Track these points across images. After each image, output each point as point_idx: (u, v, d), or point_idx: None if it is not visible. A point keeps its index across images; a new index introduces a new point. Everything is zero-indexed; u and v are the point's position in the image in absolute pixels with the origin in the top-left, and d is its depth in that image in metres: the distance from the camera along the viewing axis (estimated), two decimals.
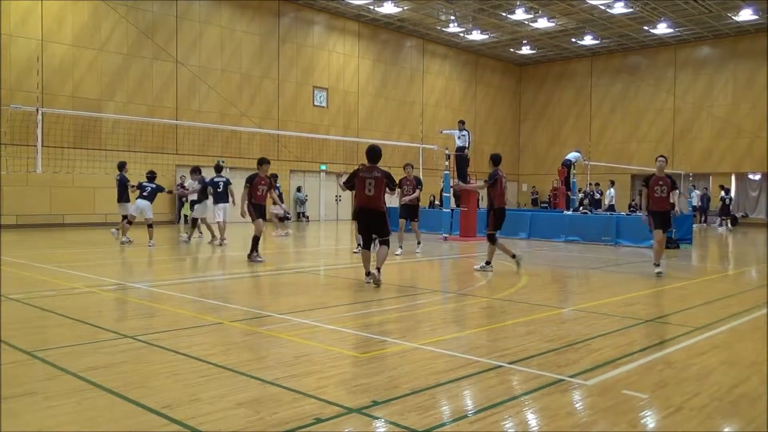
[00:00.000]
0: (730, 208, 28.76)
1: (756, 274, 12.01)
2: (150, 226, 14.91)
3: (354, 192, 9.29)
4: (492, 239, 10.98)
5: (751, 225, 30.52)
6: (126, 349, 5.29)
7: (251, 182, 12.04)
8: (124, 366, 4.76)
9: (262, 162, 12.27)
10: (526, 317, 6.88)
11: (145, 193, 14.86)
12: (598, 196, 28.53)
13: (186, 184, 18.02)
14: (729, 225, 27.03)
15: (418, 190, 14.02)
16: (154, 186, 15.09)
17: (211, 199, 15.83)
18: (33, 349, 5.16)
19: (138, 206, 14.85)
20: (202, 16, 25.18)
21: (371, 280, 8.88)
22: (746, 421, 3.85)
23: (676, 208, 10.89)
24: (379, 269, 8.92)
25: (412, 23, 31.10)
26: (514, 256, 10.84)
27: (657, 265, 10.56)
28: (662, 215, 10.60)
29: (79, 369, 4.56)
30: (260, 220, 12.22)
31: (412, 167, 14.32)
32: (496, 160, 11.32)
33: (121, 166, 15.84)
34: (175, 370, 4.69)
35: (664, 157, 10.98)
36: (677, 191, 10.92)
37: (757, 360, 5.23)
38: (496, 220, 11.01)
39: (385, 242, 9.12)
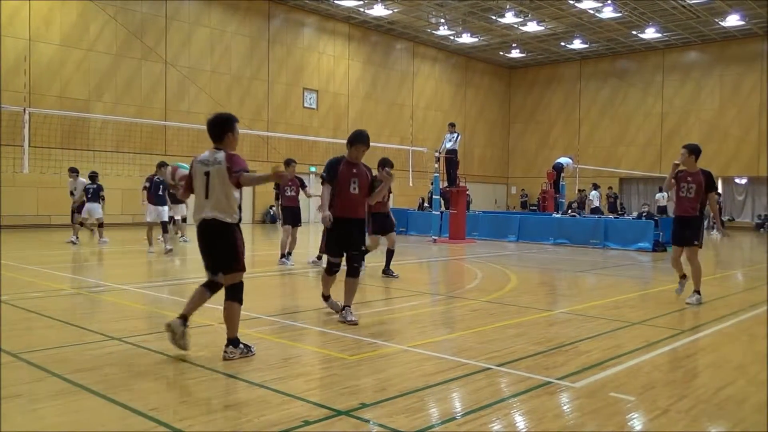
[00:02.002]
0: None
1: (742, 277, 12.12)
2: (101, 225, 15.74)
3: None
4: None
5: (737, 228, 30.77)
6: (113, 351, 5.26)
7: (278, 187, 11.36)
8: (111, 368, 4.73)
9: (287, 163, 11.33)
10: (515, 319, 6.90)
11: (89, 195, 15.43)
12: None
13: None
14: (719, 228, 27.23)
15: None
16: (95, 186, 15.54)
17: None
18: (19, 351, 5.11)
19: (88, 209, 15.43)
20: (191, 17, 25.07)
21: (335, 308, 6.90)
22: (733, 423, 3.88)
23: (713, 215, 8.28)
24: (325, 294, 6.98)
25: (402, 26, 31.13)
26: None
27: (695, 292, 8.07)
28: (683, 222, 8.05)
29: (65, 371, 4.52)
30: (289, 226, 11.60)
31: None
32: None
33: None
34: (163, 372, 4.67)
35: (690, 146, 8.02)
36: (713, 192, 7.97)
37: (743, 362, 5.27)
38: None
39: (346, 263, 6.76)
